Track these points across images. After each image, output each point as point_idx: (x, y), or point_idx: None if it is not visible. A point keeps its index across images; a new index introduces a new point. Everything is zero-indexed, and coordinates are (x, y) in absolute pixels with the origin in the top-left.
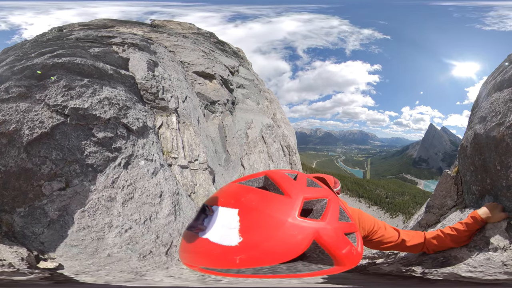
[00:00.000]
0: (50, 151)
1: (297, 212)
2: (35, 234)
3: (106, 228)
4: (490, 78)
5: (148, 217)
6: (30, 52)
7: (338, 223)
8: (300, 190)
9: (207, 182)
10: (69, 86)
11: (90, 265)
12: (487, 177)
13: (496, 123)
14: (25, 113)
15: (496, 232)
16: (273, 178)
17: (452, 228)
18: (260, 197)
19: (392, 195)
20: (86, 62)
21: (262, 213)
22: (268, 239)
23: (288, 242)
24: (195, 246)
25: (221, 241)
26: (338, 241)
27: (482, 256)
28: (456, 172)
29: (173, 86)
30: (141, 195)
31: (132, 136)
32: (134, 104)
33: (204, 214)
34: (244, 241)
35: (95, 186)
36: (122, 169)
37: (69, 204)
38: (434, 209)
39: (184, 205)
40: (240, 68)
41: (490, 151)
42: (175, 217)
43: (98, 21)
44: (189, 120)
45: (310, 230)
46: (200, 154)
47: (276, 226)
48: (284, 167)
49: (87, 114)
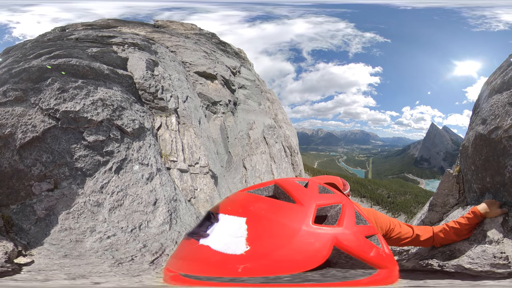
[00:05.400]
0: (41, 153)
1: (311, 219)
2: (24, 230)
3: (87, 232)
4: (492, 78)
5: (138, 225)
6: (29, 54)
7: (356, 227)
8: (312, 197)
9: (208, 186)
10: (62, 89)
11: (57, 264)
12: (487, 176)
13: (495, 126)
14: (20, 117)
15: (493, 226)
16: (283, 186)
17: (455, 222)
18: (270, 206)
19: (394, 194)
20: (82, 63)
21: (273, 222)
22: (280, 247)
23: (305, 250)
24: (192, 252)
25: (225, 249)
26: (361, 245)
27: (480, 249)
28: (458, 171)
29: (173, 86)
30: (132, 203)
31: (127, 139)
32: (131, 105)
33: (209, 222)
34: (252, 250)
35: (82, 190)
36: (113, 174)
37: (55, 205)
38: (437, 208)
39: (182, 212)
40: (241, 69)
41: (490, 151)
42: (170, 226)
43: (101, 21)
44: (190, 121)
45: (327, 237)
46: (201, 157)
47: (289, 235)
48: (286, 167)
49: (78, 117)
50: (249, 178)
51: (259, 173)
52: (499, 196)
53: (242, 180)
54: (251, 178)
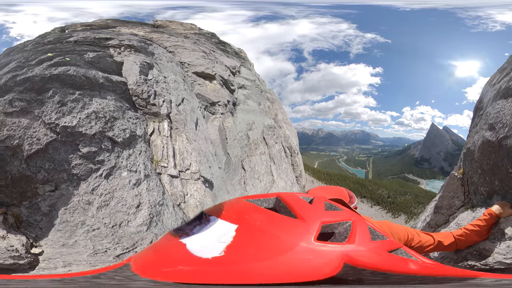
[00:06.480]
0: (44, 162)
1: (313, 236)
2: (31, 225)
3: (79, 225)
4: (494, 79)
5: (119, 223)
6: (32, 58)
7: (373, 243)
8: (317, 214)
9: (199, 192)
10: (62, 102)
11: (58, 253)
12: (496, 180)
13: (504, 135)
14: (26, 130)
15: (509, 225)
16: (286, 200)
17: (474, 225)
18: (267, 218)
19: (394, 195)
20: (79, 72)
21: (266, 234)
22: (262, 259)
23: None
24: (167, 247)
25: (197, 251)
26: (386, 260)
27: (504, 245)
28: (462, 173)
29: (167, 89)
30: (117, 204)
31: (117, 148)
32: (124, 113)
33: (198, 222)
34: (223, 257)
35: (77, 191)
36: (103, 179)
37: (56, 203)
38: (443, 210)
39: (167, 216)
40: (241, 69)
41: (502, 157)
42: (148, 228)
43: (100, 21)
44: (183, 126)
45: (335, 254)
46: (192, 163)
47: (282, 249)
48: (286, 168)
49: (74, 131)
50: (248, 180)
51: (258, 174)
52: (507, 198)
53: (241, 182)
54: (250, 180)
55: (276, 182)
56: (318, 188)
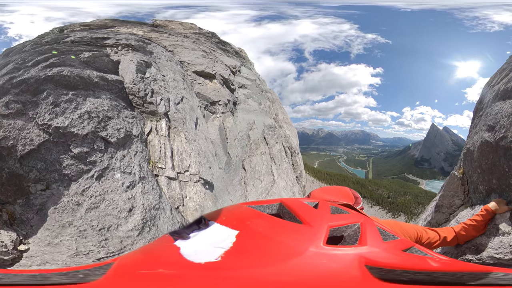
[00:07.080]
0: (36, 162)
1: (321, 240)
2: (24, 222)
3: (67, 225)
4: (494, 81)
5: (107, 227)
6: (28, 60)
7: (385, 243)
8: (323, 218)
9: (198, 195)
10: (55, 103)
11: (41, 251)
12: (493, 178)
13: (501, 136)
14: (20, 131)
15: (503, 221)
16: (290, 206)
17: (472, 220)
18: (271, 224)
19: (394, 195)
20: (73, 72)
21: (270, 240)
22: (266, 265)
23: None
24: (158, 249)
25: (189, 255)
26: (403, 259)
27: (497, 240)
28: (462, 173)
29: (165, 88)
30: (107, 207)
31: (111, 148)
32: (119, 112)
33: (197, 226)
34: (219, 262)
35: (67, 192)
36: (94, 180)
37: (46, 202)
38: (444, 209)
39: (163, 220)
40: (242, 68)
41: (499, 157)
42: (140, 233)
43: (99, 21)
44: (182, 125)
45: (351, 257)
46: (192, 164)
47: (289, 254)
48: (286, 168)
49: (66, 132)
50: (249, 180)
51: (259, 174)
52: (504, 196)
53: (242, 182)
54: (250, 180)
55: (277, 182)
56: (321, 190)
